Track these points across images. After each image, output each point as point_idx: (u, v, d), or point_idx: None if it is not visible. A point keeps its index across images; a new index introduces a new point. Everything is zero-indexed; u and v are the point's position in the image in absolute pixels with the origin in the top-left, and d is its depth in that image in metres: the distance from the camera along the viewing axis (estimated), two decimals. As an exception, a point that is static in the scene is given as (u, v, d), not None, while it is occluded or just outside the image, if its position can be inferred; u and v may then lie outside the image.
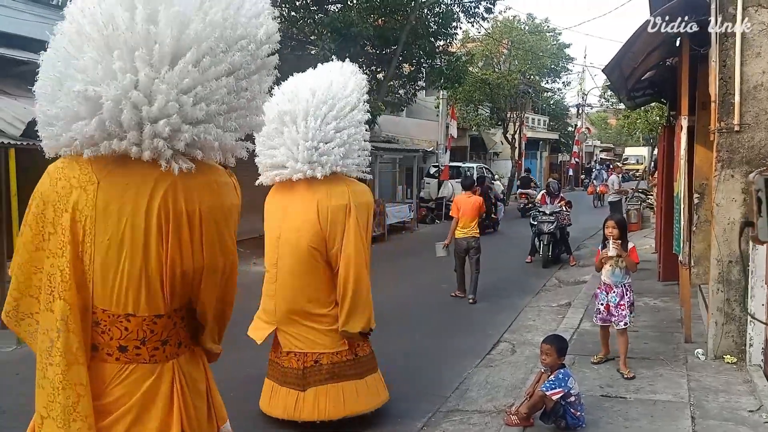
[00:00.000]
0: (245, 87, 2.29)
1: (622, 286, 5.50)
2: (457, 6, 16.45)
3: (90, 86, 2.06)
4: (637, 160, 43.87)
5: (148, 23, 2.08)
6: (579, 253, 12.76)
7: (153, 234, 2.17)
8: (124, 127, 2.10)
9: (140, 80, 2.08)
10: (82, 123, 2.09)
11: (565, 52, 33.74)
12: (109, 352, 2.22)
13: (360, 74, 4.73)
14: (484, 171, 22.37)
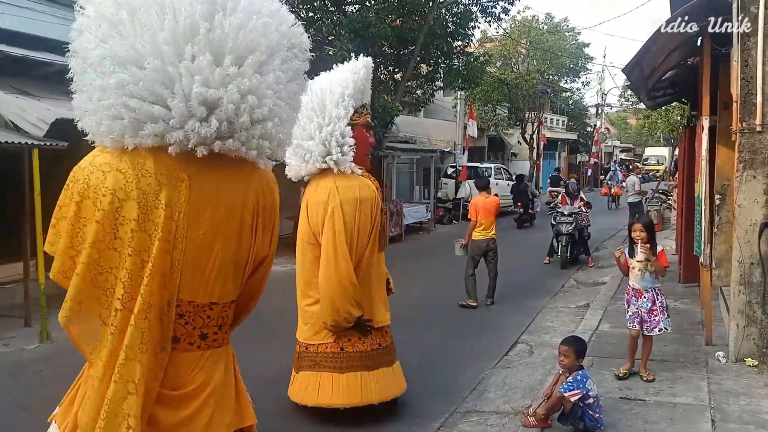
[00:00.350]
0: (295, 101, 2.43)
1: (652, 291, 5.32)
2: (474, 6, 16.41)
3: (209, 89, 2.07)
4: (658, 161, 43.43)
5: (258, 36, 2.17)
6: (598, 254, 12.67)
7: (246, 227, 2.29)
8: (235, 128, 2.13)
9: (252, 85, 2.11)
10: (194, 123, 2.08)
11: (585, 52, 33.54)
12: (190, 341, 2.26)
13: (346, 69, 4.77)
14: (501, 171, 22.30)
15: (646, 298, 5.29)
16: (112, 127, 2.06)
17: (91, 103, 2.08)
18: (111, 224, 2.07)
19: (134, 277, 2.09)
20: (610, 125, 46.64)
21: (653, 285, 5.33)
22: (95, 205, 2.06)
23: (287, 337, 6.76)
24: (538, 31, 29.50)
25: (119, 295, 2.08)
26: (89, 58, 2.05)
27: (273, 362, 6.07)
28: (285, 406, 5.05)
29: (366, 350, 4.61)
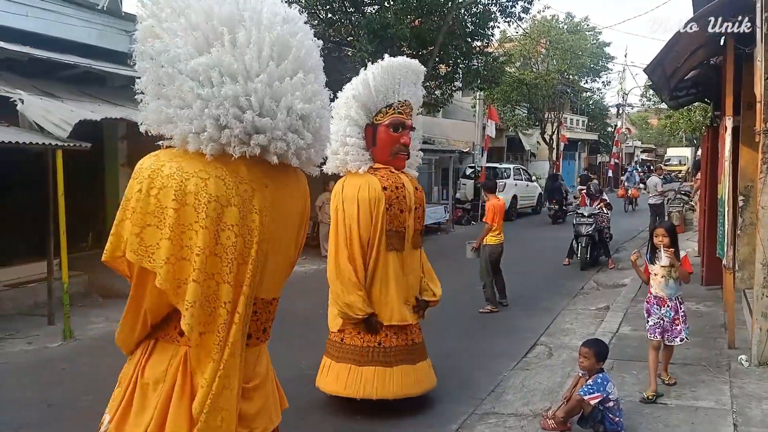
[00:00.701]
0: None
1: (675, 299, 5.01)
2: (494, 6, 16.35)
3: (305, 104, 2.23)
4: (680, 161, 42.92)
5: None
6: (618, 256, 12.55)
7: (300, 228, 2.47)
8: (318, 140, 2.33)
9: (323, 99, 2.34)
10: (293, 135, 2.23)
11: (605, 51, 33.25)
12: (257, 336, 2.37)
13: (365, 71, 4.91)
14: (521, 172, 22.18)
15: (669, 307, 4.98)
16: (216, 135, 2.09)
17: (189, 111, 2.07)
18: (214, 230, 2.09)
19: (237, 280, 2.15)
20: (631, 125, 46.17)
21: (677, 293, 5.04)
22: (197, 212, 2.05)
23: (304, 337, 6.80)
24: (558, 31, 29.30)
25: (227, 299, 2.11)
26: (183, 65, 2.06)
27: (290, 362, 6.10)
28: (302, 405, 5.08)
29: (390, 346, 4.72)
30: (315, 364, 5.99)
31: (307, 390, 5.46)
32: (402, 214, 4.78)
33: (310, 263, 12.00)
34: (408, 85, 4.82)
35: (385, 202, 4.71)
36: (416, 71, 4.90)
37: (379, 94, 4.75)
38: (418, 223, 4.95)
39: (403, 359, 4.78)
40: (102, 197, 10.88)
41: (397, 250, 4.80)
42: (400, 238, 4.81)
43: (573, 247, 11.81)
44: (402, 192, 4.77)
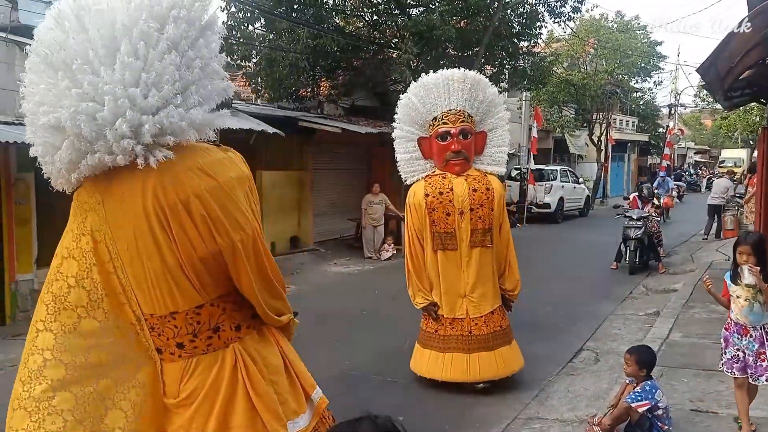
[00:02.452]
0: (194, 57, 2.22)
1: (761, 329, 4.14)
2: (541, 6, 16.15)
3: (50, 115, 2.11)
4: (735, 163, 41.50)
5: (77, 33, 2.10)
6: (669, 260, 12.22)
7: (157, 232, 2.17)
8: (89, 140, 2.11)
9: (86, 90, 2.09)
10: (59, 152, 2.17)
11: (657, 50, 32.43)
12: (171, 351, 2.33)
13: None
14: (568, 174, 21.85)
15: (753, 337, 4.13)
16: (51, 167, 2.33)
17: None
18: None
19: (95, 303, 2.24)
20: (683, 126, 44.92)
21: (763, 320, 4.12)
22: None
23: (347, 337, 6.86)
24: (607, 30, 28.72)
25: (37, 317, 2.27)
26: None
27: (331, 362, 6.16)
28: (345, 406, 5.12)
29: (460, 335, 5.24)
30: (358, 365, 6.06)
31: (349, 390, 5.52)
32: (449, 217, 5.22)
33: (354, 264, 12.08)
34: (455, 93, 5.22)
35: (427, 206, 5.26)
36: (461, 78, 5.23)
37: (423, 110, 5.32)
38: (480, 223, 5.22)
39: (500, 342, 5.30)
40: None
41: (449, 250, 5.25)
42: (452, 238, 5.24)
43: (621, 251, 11.56)
44: (448, 196, 5.21)
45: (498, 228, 5.37)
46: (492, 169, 5.43)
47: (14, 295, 7.87)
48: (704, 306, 7.86)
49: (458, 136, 5.21)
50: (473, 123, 5.32)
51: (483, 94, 5.33)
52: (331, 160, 14.39)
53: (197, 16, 2.24)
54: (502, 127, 5.48)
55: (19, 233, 7.86)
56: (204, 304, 2.30)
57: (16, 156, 7.70)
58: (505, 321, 5.45)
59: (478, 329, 5.25)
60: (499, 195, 5.33)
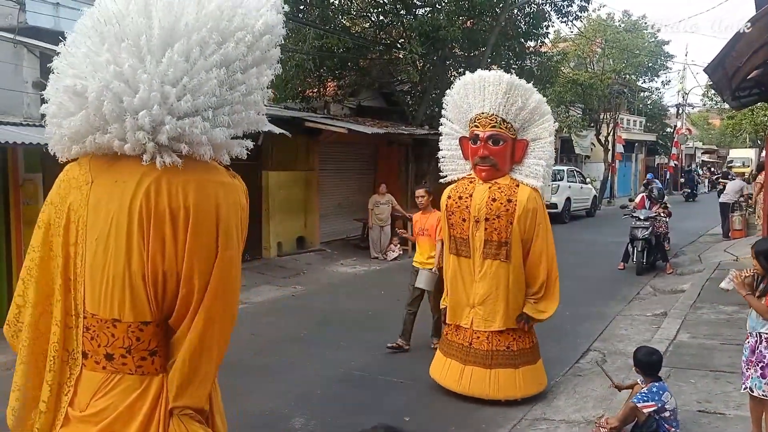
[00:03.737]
0: (241, 80, 2.21)
1: (757, 336, 3.98)
2: (548, 5, 16.10)
3: (78, 80, 2.08)
4: (743, 163, 41.26)
5: (139, 15, 2.08)
6: (676, 261, 12.16)
7: (135, 232, 2.08)
8: (107, 119, 2.07)
9: (124, 71, 2.06)
10: (71, 118, 2.12)
11: (664, 50, 32.31)
12: (97, 360, 2.15)
13: None
14: (575, 174, 21.78)
15: (748, 343, 4.07)
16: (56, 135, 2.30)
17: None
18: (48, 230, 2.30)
19: (56, 280, 2.19)
20: (691, 126, 44.70)
21: (757, 327, 4.00)
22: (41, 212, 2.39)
23: (355, 339, 6.85)
24: (614, 30, 28.64)
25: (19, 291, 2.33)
26: None
27: (338, 362, 6.16)
28: (350, 406, 5.14)
29: (480, 349, 5.05)
30: (364, 365, 6.06)
31: (354, 390, 5.52)
32: (464, 223, 5.10)
33: (360, 264, 12.08)
34: (489, 96, 5.01)
35: (447, 209, 5.21)
36: (495, 81, 5.02)
37: (461, 109, 5.21)
38: (496, 235, 4.98)
39: (501, 363, 5.02)
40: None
41: (462, 256, 5.14)
42: (466, 245, 5.12)
43: (628, 251, 11.51)
44: (466, 202, 5.09)
45: (521, 243, 4.97)
46: (528, 182, 5.04)
47: (22, 296, 7.90)
48: (712, 307, 7.82)
49: (487, 142, 4.98)
50: (509, 129, 5.01)
51: (523, 101, 5.03)
52: (338, 161, 14.39)
53: (260, 47, 2.24)
54: (545, 139, 5.11)
55: (26, 234, 7.89)
56: (150, 322, 2.16)
57: (24, 157, 7.73)
58: (519, 343, 5.09)
59: (479, 343, 5.06)
60: (523, 208, 4.92)
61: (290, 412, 5.00)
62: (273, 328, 7.47)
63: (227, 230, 2.16)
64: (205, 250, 2.12)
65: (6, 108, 7.67)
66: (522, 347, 5.10)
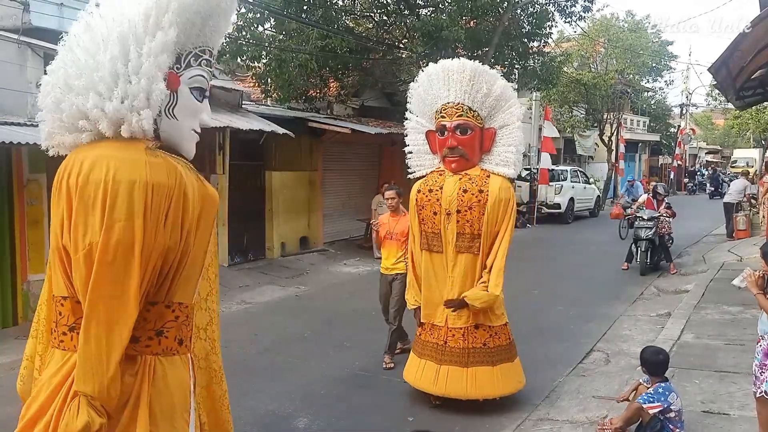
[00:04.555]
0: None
1: None
2: (551, 5, 16.08)
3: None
4: (747, 163, 41.15)
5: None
6: (680, 261, 12.14)
7: (63, 209, 2.17)
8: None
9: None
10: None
11: (668, 50, 32.24)
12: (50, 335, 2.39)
13: None
14: (578, 174, 21.75)
15: (761, 346, 3.92)
16: None
17: None
18: None
19: None
20: (695, 126, 44.62)
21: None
22: None
23: (357, 338, 6.85)
24: (618, 29, 28.58)
25: None
26: None
27: (341, 362, 6.16)
28: (354, 406, 5.14)
29: (457, 347, 4.85)
30: (367, 365, 6.06)
31: (358, 390, 5.52)
32: (435, 216, 4.90)
33: (363, 265, 12.08)
34: (454, 84, 4.80)
35: (417, 203, 5.01)
36: (459, 69, 4.80)
37: (426, 102, 5.01)
38: (468, 227, 4.78)
39: (479, 360, 4.84)
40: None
41: (434, 252, 4.95)
42: (438, 239, 4.91)
43: (632, 252, 11.49)
44: (436, 195, 4.89)
45: (491, 235, 4.79)
46: (500, 170, 4.88)
47: (26, 296, 7.92)
48: (716, 307, 7.81)
49: (455, 132, 4.80)
50: (476, 118, 4.84)
51: (488, 87, 4.82)
52: (341, 161, 14.40)
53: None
54: (512, 125, 4.92)
55: (31, 234, 7.91)
56: (68, 297, 2.22)
57: (28, 157, 7.75)
58: (496, 340, 4.90)
59: (455, 341, 4.85)
60: (495, 199, 4.74)
61: (294, 412, 5.00)
62: (277, 328, 7.49)
63: (113, 205, 2.10)
64: (83, 223, 2.12)
65: (10, 108, 7.69)
66: (498, 344, 4.92)
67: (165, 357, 2.28)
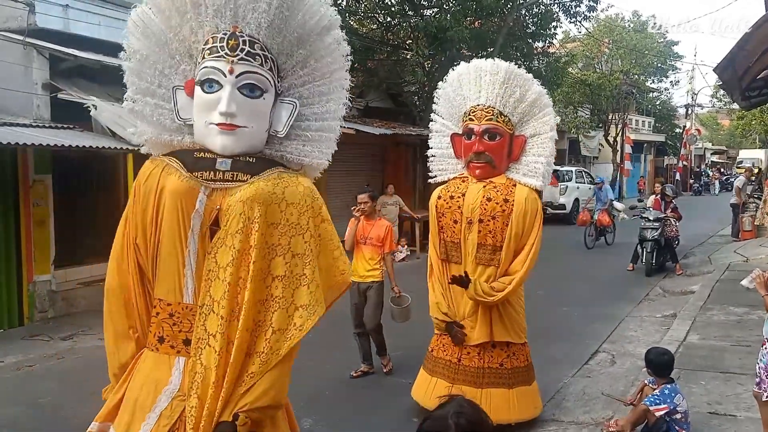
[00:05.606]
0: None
1: None
2: (556, 6, 16.05)
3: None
4: (753, 164, 41.01)
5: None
6: (686, 262, 12.10)
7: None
8: None
9: None
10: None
11: (673, 50, 32.19)
12: None
13: None
14: (583, 175, 21.71)
15: (766, 349, 3.89)
16: None
17: None
18: None
19: None
20: (700, 126, 44.48)
21: None
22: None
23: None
24: (622, 30, 28.54)
25: None
26: None
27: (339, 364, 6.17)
28: (359, 407, 5.13)
29: (471, 366, 4.52)
30: (374, 366, 6.04)
31: (363, 391, 5.52)
32: (456, 225, 4.53)
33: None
34: (486, 87, 4.51)
35: (437, 210, 4.63)
36: (493, 71, 4.51)
37: (454, 104, 4.70)
38: (490, 238, 4.44)
39: (494, 382, 4.52)
40: (169, 199, 11.25)
41: (453, 263, 4.58)
42: (457, 250, 4.57)
43: (637, 253, 11.45)
44: (458, 202, 4.54)
45: (514, 247, 4.45)
46: (527, 181, 4.52)
47: (32, 296, 7.95)
48: (722, 308, 7.78)
49: (482, 136, 4.46)
50: (506, 124, 4.51)
51: (521, 92, 4.52)
52: (345, 162, 14.34)
53: None
54: (545, 134, 4.58)
55: (36, 234, 7.94)
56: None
57: (34, 158, 7.78)
58: (513, 361, 4.60)
59: (469, 359, 4.53)
60: (521, 210, 4.40)
61: (299, 413, 4.96)
62: (281, 328, 7.46)
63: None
64: None
65: (16, 109, 7.72)
66: (516, 365, 4.60)
67: (147, 351, 2.40)
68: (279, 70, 2.43)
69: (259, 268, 2.27)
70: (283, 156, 2.47)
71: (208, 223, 2.32)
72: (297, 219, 2.34)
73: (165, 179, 2.35)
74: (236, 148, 2.35)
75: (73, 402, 5.16)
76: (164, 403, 2.28)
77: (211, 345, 2.23)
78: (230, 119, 2.31)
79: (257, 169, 2.36)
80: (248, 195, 2.28)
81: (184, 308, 2.34)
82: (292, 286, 2.29)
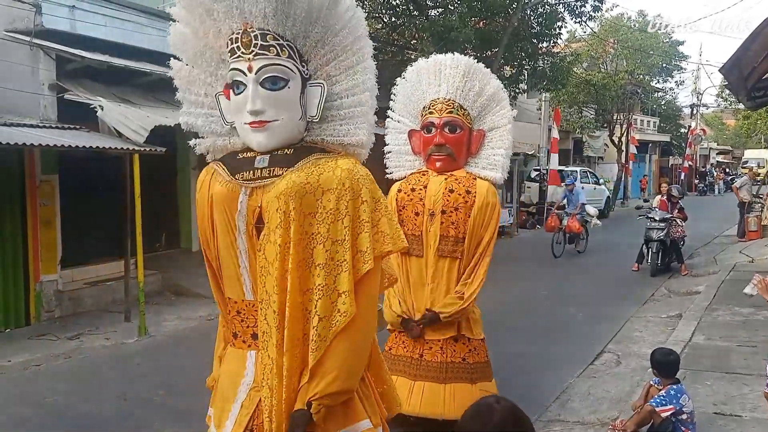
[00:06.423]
0: None
1: None
2: (561, 6, 16.03)
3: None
4: (758, 164, 40.89)
5: None
6: (692, 262, 12.08)
7: None
8: None
9: None
10: None
11: (678, 50, 32.11)
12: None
13: None
14: (588, 175, 21.68)
15: None
16: None
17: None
18: None
19: None
20: (705, 126, 44.37)
21: None
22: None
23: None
24: (627, 30, 28.49)
25: None
26: None
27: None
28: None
29: (433, 361, 4.40)
30: (378, 366, 6.05)
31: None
32: (417, 217, 4.47)
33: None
34: (446, 80, 4.49)
35: (397, 203, 4.56)
36: (453, 64, 4.52)
37: (412, 99, 4.67)
38: (453, 229, 4.41)
39: (457, 377, 4.44)
40: (175, 199, 11.30)
41: (413, 255, 4.50)
42: (419, 243, 4.49)
43: (642, 253, 11.44)
44: (420, 194, 4.48)
45: (475, 240, 4.40)
46: (487, 174, 4.51)
47: (39, 296, 8.00)
48: (728, 308, 7.77)
49: (443, 129, 4.41)
50: (466, 117, 4.49)
51: (480, 86, 4.52)
52: (350, 162, 14.40)
53: None
54: (503, 127, 4.59)
55: (43, 234, 7.99)
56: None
57: (40, 158, 7.82)
58: (474, 356, 4.50)
59: (431, 354, 4.42)
60: (483, 201, 4.38)
61: (304, 413, 5.00)
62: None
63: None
64: None
65: (23, 110, 7.76)
66: (477, 360, 4.50)
67: (228, 347, 2.56)
68: (301, 55, 2.41)
69: (301, 258, 2.30)
70: (324, 140, 2.46)
71: (252, 222, 2.34)
72: (335, 204, 2.32)
73: (213, 186, 2.44)
74: (271, 142, 2.36)
75: (80, 401, 5.19)
76: (243, 395, 2.39)
77: (273, 337, 2.30)
78: (259, 116, 2.32)
79: (294, 160, 2.37)
80: (281, 189, 2.29)
81: (247, 305, 2.42)
82: (333, 273, 2.30)
